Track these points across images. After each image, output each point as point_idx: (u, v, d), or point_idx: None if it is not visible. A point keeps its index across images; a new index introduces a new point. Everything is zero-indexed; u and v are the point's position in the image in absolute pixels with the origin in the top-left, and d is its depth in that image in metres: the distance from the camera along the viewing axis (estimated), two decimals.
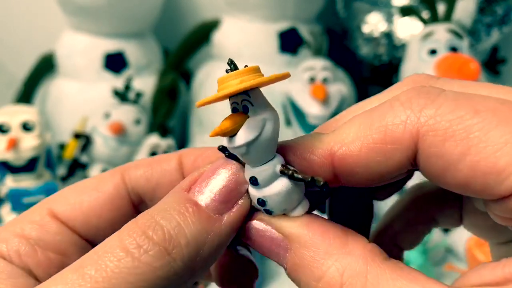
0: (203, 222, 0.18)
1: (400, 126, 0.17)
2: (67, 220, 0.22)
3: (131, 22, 0.82)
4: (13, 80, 0.90)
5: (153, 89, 0.80)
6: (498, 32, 0.73)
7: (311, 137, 0.19)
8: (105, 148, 0.73)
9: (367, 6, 0.79)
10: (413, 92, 0.17)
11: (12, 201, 0.57)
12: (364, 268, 0.17)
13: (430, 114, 0.16)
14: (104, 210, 0.22)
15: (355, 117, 0.19)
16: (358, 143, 0.18)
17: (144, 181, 0.23)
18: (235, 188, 0.19)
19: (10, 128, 0.57)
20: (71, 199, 0.22)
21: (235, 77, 0.17)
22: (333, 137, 0.18)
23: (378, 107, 0.18)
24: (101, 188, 0.22)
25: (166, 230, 0.18)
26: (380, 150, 0.17)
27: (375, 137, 0.17)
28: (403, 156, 0.17)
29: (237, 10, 0.78)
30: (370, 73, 0.87)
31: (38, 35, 0.93)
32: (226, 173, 0.19)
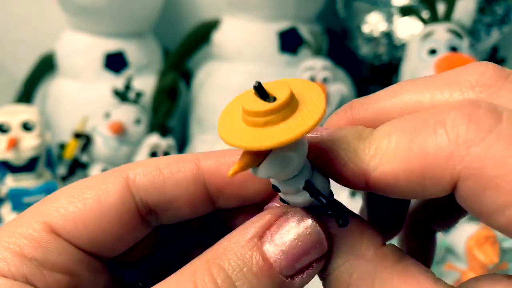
0: (274, 287, 0.17)
1: (441, 164, 0.15)
2: (70, 237, 0.19)
3: (132, 22, 0.82)
4: (13, 80, 0.90)
5: (153, 89, 0.80)
6: (498, 32, 0.73)
7: (346, 144, 0.17)
8: (105, 148, 0.73)
9: (367, 6, 0.79)
10: (463, 118, 0.15)
11: (12, 200, 0.57)
12: (372, 272, 0.17)
13: (478, 155, 0.14)
14: (111, 225, 0.20)
15: (394, 126, 0.17)
16: (395, 171, 0.16)
17: (156, 194, 0.20)
18: (314, 251, 0.17)
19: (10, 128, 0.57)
20: (71, 213, 0.19)
21: (269, 116, 0.15)
22: (369, 152, 0.17)
23: (421, 126, 0.16)
24: (106, 200, 0.20)
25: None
26: (418, 182, 0.16)
27: (412, 167, 0.16)
28: (441, 191, 0.16)
29: (237, 9, 0.78)
30: (370, 73, 0.87)
31: (38, 35, 0.93)
32: (307, 229, 0.17)
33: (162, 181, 0.20)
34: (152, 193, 0.20)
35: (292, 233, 0.17)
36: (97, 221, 0.20)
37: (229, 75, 0.77)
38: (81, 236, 0.19)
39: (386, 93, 0.19)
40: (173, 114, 0.77)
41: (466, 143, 0.15)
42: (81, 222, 0.19)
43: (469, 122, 0.15)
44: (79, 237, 0.19)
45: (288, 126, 0.15)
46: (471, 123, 0.15)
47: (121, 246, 0.21)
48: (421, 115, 0.16)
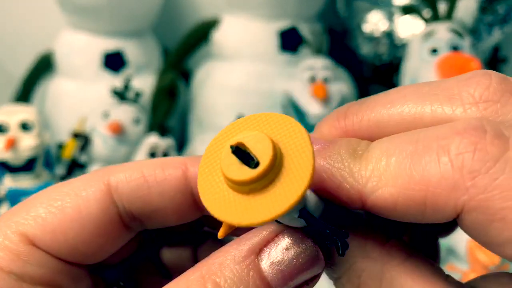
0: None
1: (444, 194, 0.14)
2: (49, 249, 0.19)
3: (130, 21, 0.81)
4: (12, 79, 0.89)
5: (152, 88, 0.79)
6: (500, 32, 0.72)
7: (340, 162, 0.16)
8: (104, 148, 0.73)
9: (367, 5, 0.79)
10: (469, 146, 0.14)
11: (10, 201, 0.57)
12: (380, 272, 0.17)
13: (484, 187, 0.14)
14: (93, 235, 0.19)
15: (392, 145, 0.16)
16: (394, 197, 0.15)
17: (140, 203, 0.20)
18: (310, 271, 0.17)
19: (9, 128, 0.57)
20: (50, 223, 0.19)
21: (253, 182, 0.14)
22: (366, 174, 0.16)
23: (423, 150, 0.15)
24: (86, 209, 0.19)
25: None
26: (418, 210, 0.15)
27: (412, 195, 0.15)
28: (442, 219, 0.15)
29: (237, 8, 0.78)
30: (370, 72, 0.87)
31: (37, 34, 0.93)
32: (304, 251, 0.17)
33: (146, 190, 0.19)
34: (135, 203, 0.20)
35: (291, 252, 0.17)
36: (77, 232, 0.19)
37: (229, 75, 0.76)
38: (61, 247, 0.19)
39: (383, 100, 0.18)
40: (172, 113, 0.76)
41: (471, 173, 0.14)
42: (60, 233, 0.19)
43: (474, 150, 0.14)
44: (60, 249, 0.19)
45: (276, 194, 0.14)
46: (477, 152, 0.14)
47: (103, 254, 0.20)
48: (423, 136, 0.15)
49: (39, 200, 0.19)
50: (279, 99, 0.71)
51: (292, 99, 0.66)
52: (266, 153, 0.14)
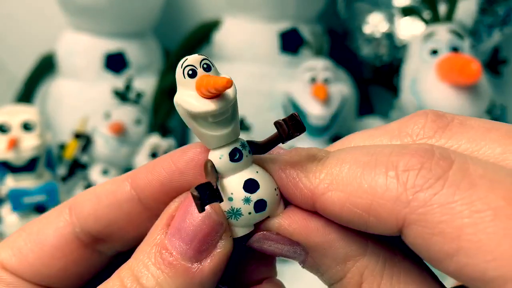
0: (180, 276, 0.17)
1: (387, 205, 0.15)
2: (15, 271, 0.20)
3: (132, 22, 0.82)
4: (14, 80, 0.90)
5: (153, 89, 0.80)
6: (500, 33, 0.72)
7: (300, 164, 0.18)
8: (105, 148, 0.73)
9: (368, 7, 0.79)
10: (416, 164, 0.15)
11: (12, 201, 0.57)
12: (381, 268, 0.17)
13: (424, 201, 0.15)
14: (51, 259, 0.20)
15: (349, 154, 0.17)
16: (341, 201, 0.16)
17: (92, 220, 0.20)
18: (212, 231, 0.18)
19: (11, 128, 0.57)
20: (16, 249, 0.20)
21: None
22: (320, 176, 0.17)
23: (375, 163, 0.16)
24: (45, 235, 0.20)
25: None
26: (361, 217, 0.16)
27: (359, 202, 0.16)
28: (385, 230, 0.16)
29: (238, 10, 0.78)
30: (371, 73, 0.87)
31: (39, 35, 0.93)
32: (198, 214, 0.18)
33: (97, 205, 0.20)
34: (89, 221, 0.20)
35: (190, 221, 0.18)
36: (38, 254, 0.20)
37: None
38: (26, 269, 0.20)
39: (334, 146, 0.20)
40: (173, 114, 0.77)
41: (414, 188, 0.15)
42: (24, 256, 0.20)
43: (420, 168, 0.15)
44: (25, 271, 0.20)
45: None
46: (422, 170, 0.15)
47: (72, 278, 0.21)
48: (379, 151, 0.16)
49: (20, 228, 0.21)
50: (280, 99, 0.71)
51: (292, 100, 0.67)
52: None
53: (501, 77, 0.79)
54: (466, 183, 0.14)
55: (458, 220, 0.14)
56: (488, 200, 0.14)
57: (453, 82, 0.56)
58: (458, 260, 0.14)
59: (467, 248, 0.14)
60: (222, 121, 0.18)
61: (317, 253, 0.18)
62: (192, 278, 0.18)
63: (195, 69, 0.18)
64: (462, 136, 0.17)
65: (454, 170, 0.15)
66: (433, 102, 0.58)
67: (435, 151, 0.16)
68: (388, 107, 0.77)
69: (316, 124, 0.64)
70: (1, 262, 0.20)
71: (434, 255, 0.15)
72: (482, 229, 0.14)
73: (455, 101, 0.56)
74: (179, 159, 0.20)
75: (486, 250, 0.13)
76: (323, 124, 0.64)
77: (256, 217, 0.18)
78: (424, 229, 0.14)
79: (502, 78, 0.79)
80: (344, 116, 0.68)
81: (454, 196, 0.14)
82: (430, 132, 0.18)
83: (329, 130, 0.66)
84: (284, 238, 0.18)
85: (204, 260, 0.18)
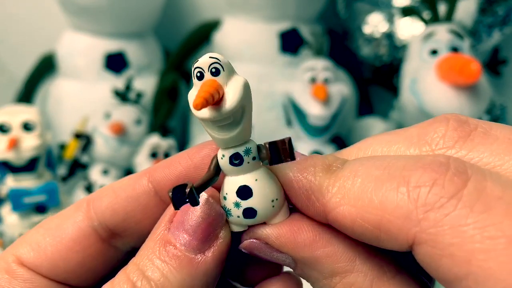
0: (185, 267, 0.18)
1: (397, 222, 0.15)
2: (33, 266, 0.21)
3: (132, 22, 0.82)
4: (14, 80, 0.90)
5: (153, 89, 0.80)
6: (499, 33, 0.72)
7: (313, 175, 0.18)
8: (105, 148, 0.73)
9: (368, 7, 0.79)
10: (428, 180, 0.15)
11: (12, 201, 0.57)
12: (368, 285, 0.17)
13: (435, 221, 0.14)
14: (70, 253, 0.21)
15: (362, 167, 0.17)
16: (352, 216, 0.16)
17: (110, 214, 0.21)
18: (213, 221, 0.18)
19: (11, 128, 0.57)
20: (35, 244, 0.21)
21: None
22: (332, 190, 0.17)
23: (387, 177, 0.16)
24: (64, 229, 0.21)
25: (153, 284, 0.17)
26: (372, 233, 0.16)
27: (369, 218, 0.16)
28: (397, 246, 0.16)
29: (238, 10, 0.78)
30: (371, 73, 0.87)
31: (39, 35, 0.93)
32: (200, 205, 0.18)
33: (115, 199, 0.21)
34: (107, 214, 0.21)
35: (192, 213, 0.18)
36: (56, 247, 0.21)
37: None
38: (43, 264, 0.20)
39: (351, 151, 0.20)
40: (173, 114, 0.77)
41: (425, 207, 0.14)
42: (43, 250, 0.21)
43: (433, 184, 0.15)
44: (42, 265, 0.20)
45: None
46: (434, 186, 0.14)
47: (89, 274, 0.21)
48: (392, 164, 0.16)
49: (35, 227, 0.22)
50: (280, 100, 0.71)
51: (292, 100, 0.67)
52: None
53: (501, 77, 0.79)
54: (481, 205, 0.14)
55: (469, 245, 0.13)
56: (503, 226, 0.13)
57: (453, 82, 0.56)
58: (467, 284, 0.14)
59: (477, 274, 0.13)
60: (225, 126, 0.18)
61: (305, 266, 0.18)
62: (196, 268, 0.18)
63: (202, 72, 0.18)
64: (485, 148, 0.16)
65: (469, 189, 0.14)
66: (433, 102, 0.58)
67: (451, 164, 0.15)
68: (388, 107, 0.77)
69: (316, 124, 0.64)
70: (19, 258, 0.21)
71: (443, 276, 0.14)
72: (494, 257, 0.13)
73: (455, 101, 0.56)
74: (195, 155, 0.20)
75: (497, 279, 0.13)
76: (323, 124, 0.64)
77: (244, 222, 0.19)
78: (434, 249, 0.14)
79: (502, 78, 0.80)
80: (344, 116, 0.68)
81: (467, 219, 0.14)
82: (450, 142, 0.17)
83: (329, 130, 0.66)
84: (272, 248, 0.18)
85: (207, 250, 0.18)
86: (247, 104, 0.18)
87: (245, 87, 0.18)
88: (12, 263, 0.20)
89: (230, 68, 0.18)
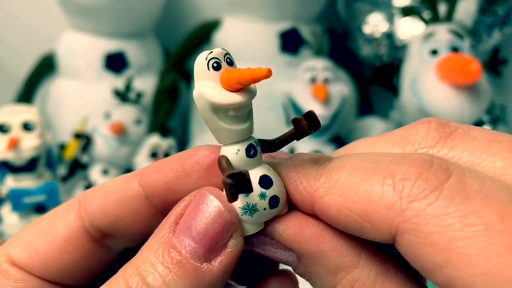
0: (190, 276, 0.17)
1: (382, 212, 0.15)
2: (25, 266, 0.20)
3: (132, 22, 0.82)
4: (14, 80, 0.90)
5: (153, 89, 0.80)
6: (500, 33, 0.73)
7: (302, 167, 0.18)
8: (105, 148, 0.73)
9: (368, 7, 0.79)
10: (413, 174, 0.15)
11: (12, 201, 0.57)
12: (373, 282, 0.17)
13: (418, 210, 0.15)
14: (62, 253, 0.21)
15: (350, 161, 0.17)
16: (338, 205, 0.16)
17: (100, 216, 0.21)
18: (223, 229, 0.18)
19: (11, 128, 0.57)
20: (27, 244, 0.21)
21: None
22: (320, 180, 0.17)
23: (374, 170, 0.16)
24: (55, 229, 0.21)
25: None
26: (356, 223, 0.16)
27: (355, 207, 0.16)
28: (380, 237, 0.16)
29: (238, 10, 0.78)
30: (371, 73, 0.87)
31: (39, 35, 0.93)
32: (210, 212, 0.18)
33: (106, 201, 0.21)
34: (97, 216, 0.21)
35: (201, 219, 0.18)
36: (48, 247, 0.20)
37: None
38: (35, 263, 0.20)
39: (338, 152, 0.20)
40: (173, 114, 0.77)
41: (409, 197, 0.15)
42: (35, 250, 0.20)
43: (417, 178, 0.15)
44: (33, 265, 0.20)
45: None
46: (418, 179, 0.15)
47: (82, 274, 0.21)
48: (380, 159, 0.17)
49: (27, 226, 0.21)
50: (280, 99, 0.71)
51: (292, 100, 0.67)
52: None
53: (501, 77, 0.79)
54: (461, 196, 0.14)
55: (450, 232, 0.14)
56: (481, 214, 0.14)
57: (453, 82, 0.56)
58: (448, 272, 0.14)
59: (457, 261, 0.14)
60: (242, 116, 0.18)
61: (310, 261, 0.18)
62: (201, 278, 0.17)
63: (219, 62, 0.18)
64: (464, 147, 0.17)
65: (451, 183, 0.15)
66: (433, 102, 0.58)
67: (434, 162, 0.16)
68: (388, 107, 0.77)
69: None
70: (10, 258, 0.20)
71: (425, 265, 0.15)
72: (473, 243, 0.14)
73: (454, 101, 0.56)
74: (186, 161, 0.20)
75: (475, 264, 0.13)
76: (323, 124, 0.64)
77: (269, 213, 0.18)
78: (416, 238, 0.15)
79: (502, 78, 0.80)
80: (344, 116, 0.68)
81: (448, 208, 0.14)
82: (432, 142, 0.18)
83: (329, 130, 0.66)
84: (278, 243, 0.18)
85: (214, 259, 0.18)
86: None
87: None
88: (3, 263, 0.20)
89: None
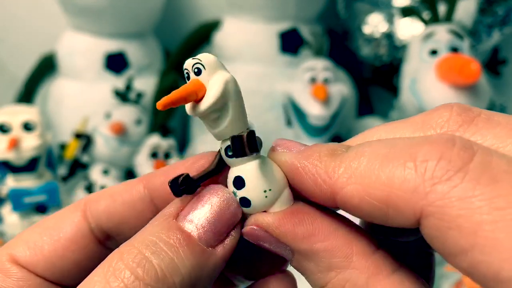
0: (197, 256, 0.17)
1: (405, 196, 0.15)
2: (28, 265, 0.20)
3: (132, 22, 0.82)
4: (14, 80, 0.90)
5: (154, 89, 0.80)
6: (499, 33, 0.73)
7: (318, 160, 0.18)
8: (106, 148, 0.73)
9: (368, 7, 0.79)
10: (435, 154, 0.15)
11: (13, 201, 0.57)
12: (365, 283, 0.17)
13: (442, 193, 0.14)
14: (66, 252, 0.21)
15: (368, 148, 0.17)
16: (360, 194, 0.16)
17: (106, 217, 0.21)
18: (230, 218, 0.19)
19: (11, 128, 0.57)
20: (31, 242, 0.21)
21: None
22: (339, 171, 0.17)
23: (394, 154, 0.16)
24: (61, 228, 0.21)
25: (158, 269, 0.17)
26: (380, 210, 0.16)
27: (377, 194, 0.16)
28: (404, 222, 0.16)
29: (238, 10, 0.78)
30: (371, 73, 0.87)
31: (39, 35, 0.93)
32: (219, 201, 0.19)
33: (112, 203, 0.21)
34: (103, 218, 0.21)
35: (207, 206, 0.18)
36: (53, 246, 0.21)
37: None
38: (39, 262, 0.20)
39: (356, 139, 0.20)
40: (173, 114, 0.77)
41: (432, 180, 0.14)
42: (39, 249, 0.21)
43: (439, 158, 0.15)
44: (37, 264, 0.20)
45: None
46: (441, 160, 0.15)
47: (84, 274, 0.21)
48: (400, 143, 0.16)
49: (31, 226, 0.22)
50: (280, 100, 0.71)
51: (292, 100, 0.67)
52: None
53: (501, 77, 0.79)
54: (488, 178, 0.14)
55: (477, 216, 0.13)
56: (511, 198, 0.13)
57: (453, 82, 0.56)
58: (473, 256, 0.13)
59: (483, 245, 0.13)
60: (214, 121, 0.19)
61: (302, 258, 0.18)
62: (206, 260, 0.18)
63: (189, 74, 0.20)
64: (488, 132, 0.16)
65: (476, 163, 0.14)
66: (433, 102, 0.58)
67: (457, 141, 0.15)
68: (387, 107, 0.77)
69: (316, 124, 0.64)
70: (13, 256, 0.21)
71: (449, 250, 0.14)
72: (502, 227, 0.13)
73: (454, 101, 0.56)
74: (191, 166, 0.21)
75: (503, 249, 0.13)
76: (323, 124, 0.64)
77: (244, 210, 0.19)
78: (441, 222, 0.14)
79: (501, 78, 0.80)
80: (344, 116, 0.68)
81: (474, 190, 0.14)
82: (454, 126, 0.17)
83: (329, 130, 0.66)
84: (272, 237, 0.18)
85: (217, 246, 0.18)
86: (231, 99, 0.19)
87: (227, 83, 0.19)
88: (6, 262, 0.20)
89: (213, 66, 0.19)
